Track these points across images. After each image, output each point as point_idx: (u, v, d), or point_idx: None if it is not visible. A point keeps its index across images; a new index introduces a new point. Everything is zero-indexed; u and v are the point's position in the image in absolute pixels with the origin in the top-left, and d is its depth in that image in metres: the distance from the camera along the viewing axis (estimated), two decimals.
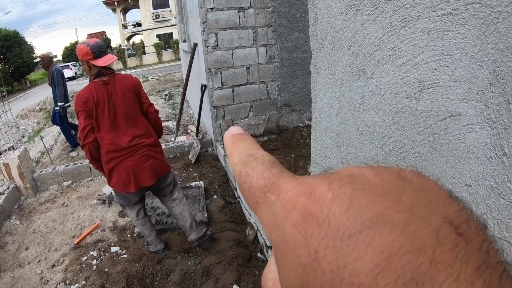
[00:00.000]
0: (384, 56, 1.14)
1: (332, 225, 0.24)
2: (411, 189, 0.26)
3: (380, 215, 0.24)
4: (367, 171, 0.28)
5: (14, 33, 38.15)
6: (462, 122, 0.93)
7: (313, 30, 1.59)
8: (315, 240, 0.25)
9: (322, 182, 0.28)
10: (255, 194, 0.33)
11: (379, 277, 0.22)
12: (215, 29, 6.63)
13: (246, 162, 0.36)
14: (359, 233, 0.23)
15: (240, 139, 0.41)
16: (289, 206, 0.28)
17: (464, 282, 0.21)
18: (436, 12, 0.94)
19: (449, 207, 0.25)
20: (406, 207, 0.24)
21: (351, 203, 0.25)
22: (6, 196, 6.33)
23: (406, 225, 0.23)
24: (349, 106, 1.41)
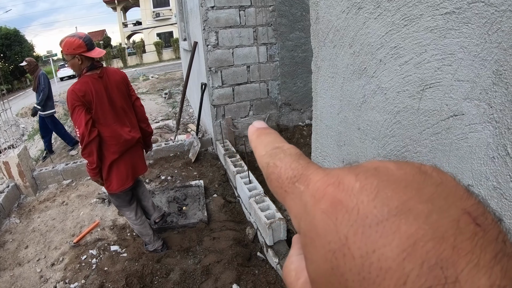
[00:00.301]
0: (386, 55, 1.13)
1: (360, 213, 0.26)
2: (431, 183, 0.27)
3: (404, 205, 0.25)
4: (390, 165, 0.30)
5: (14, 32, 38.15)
6: (464, 122, 0.93)
7: (315, 28, 1.58)
8: (344, 226, 0.26)
9: (349, 173, 0.29)
10: (283, 184, 0.34)
11: (406, 261, 0.23)
12: (216, 28, 6.63)
13: (274, 154, 0.37)
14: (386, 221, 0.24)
15: (265, 132, 0.43)
16: (318, 195, 0.29)
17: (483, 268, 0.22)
18: (439, 11, 0.93)
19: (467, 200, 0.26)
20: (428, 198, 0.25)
21: (378, 193, 0.26)
22: (5, 195, 6.33)
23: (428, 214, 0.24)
24: (351, 105, 1.40)
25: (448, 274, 0.22)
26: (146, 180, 6.84)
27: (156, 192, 6.17)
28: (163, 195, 6.05)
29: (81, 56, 3.66)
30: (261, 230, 4.50)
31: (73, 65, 3.75)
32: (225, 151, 6.72)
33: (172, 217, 5.37)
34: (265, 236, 4.28)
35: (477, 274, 0.22)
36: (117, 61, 43.92)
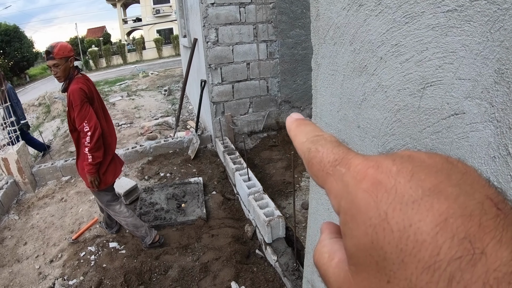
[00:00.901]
0: (387, 53, 1.12)
1: (398, 192, 0.28)
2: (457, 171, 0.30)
3: (436, 187, 0.28)
4: (422, 154, 0.32)
5: (14, 28, 38.19)
6: (465, 121, 0.92)
7: (315, 25, 1.57)
8: (384, 204, 0.28)
9: (386, 158, 0.32)
10: (325, 167, 0.36)
11: (439, 235, 0.25)
12: (216, 25, 6.63)
13: (315, 141, 0.39)
14: (420, 200, 0.27)
15: (304, 123, 0.45)
16: (360, 176, 0.31)
17: (505, 243, 0.24)
18: (440, 8, 0.92)
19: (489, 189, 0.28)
20: (456, 183, 0.28)
21: (413, 175, 0.29)
22: (4, 191, 6.33)
23: (457, 196, 0.27)
24: (351, 103, 1.40)
25: (476, 246, 0.24)
26: (145, 177, 6.85)
27: (155, 189, 6.18)
28: (162, 192, 6.05)
29: (71, 59, 3.97)
30: (260, 227, 4.51)
31: (65, 69, 3.96)
32: (225, 148, 6.73)
33: (171, 214, 5.37)
34: (264, 234, 4.29)
35: (501, 248, 0.24)
36: (117, 57, 43.94)
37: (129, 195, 5.97)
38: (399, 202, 0.28)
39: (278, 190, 5.97)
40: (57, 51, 3.87)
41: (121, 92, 17.62)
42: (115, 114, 12.47)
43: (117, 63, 43.45)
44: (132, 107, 13.41)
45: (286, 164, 6.80)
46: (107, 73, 32.74)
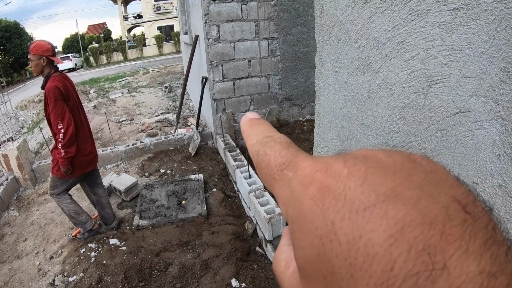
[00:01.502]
0: (392, 50, 1.12)
1: (348, 199, 0.26)
2: (420, 170, 0.27)
3: (393, 190, 0.25)
4: (380, 153, 0.30)
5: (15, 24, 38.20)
6: (471, 119, 0.92)
7: (319, 22, 1.57)
8: (332, 212, 0.26)
9: (337, 160, 0.29)
10: (272, 171, 0.34)
11: (393, 247, 0.23)
12: (217, 21, 6.63)
13: (264, 142, 0.38)
14: (373, 206, 0.24)
15: (257, 123, 0.43)
16: (306, 181, 0.29)
17: (472, 254, 0.22)
18: (447, 6, 0.92)
19: (457, 188, 0.26)
20: (417, 184, 0.26)
21: (366, 179, 0.26)
22: (4, 187, 6.34)
23: (417, 200, 0.24)
24: (355, 100, 1.40)
25: (436, 260, 0.22)
26: (145, 174, 6.86)
27: (156, 185, 6.18)
28: (162, 188, 6.05)
29: (47, 59, 4.16)
30: (260, 225, 4.51)
31: (36, 65, 4.20)
32: (225, 145, 6.73)
33: (171, 211, 5.38)
34: (265, 231, 4.29)
35: (466, 260, 0.22)
36: (118, 54, 43.99)
37: (130, 191, 5.98)
38: (348, 210, 0.25)
39: None
40: (32, 47, 4.17)
41: (121, 88, 17.62)
42: (115, 111, 12.47)
43: (118, 59, 43.49)
44: (132, 104, 13.41)
45: None
46: (107, 69, 32.77)
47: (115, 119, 11.03)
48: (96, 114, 11.32)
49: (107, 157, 7.46)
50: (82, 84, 20.22)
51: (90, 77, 26.09)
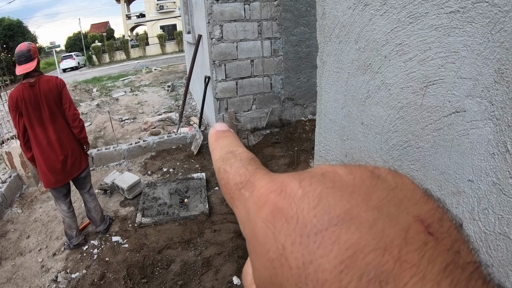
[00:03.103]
0: (391, 51, 1.15)
1: (300, 222, 0.25)
2: (383, 188, 0.27)
3: (347, 213, 0.24)
4: (340, 169, 0.29)
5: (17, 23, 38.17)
6: (466, 118, 0.94)
7: (321, 24, 1.60)
8: (283, 236, 0.25)
9: (294, 179, 0.28)
10: (231, 190, 0.34)
11: (343, 274, 0.22)
12: (220, 21, 6.64)
13: (226, 159, 0.37)
14: (325, 230, 0.24)
15: (223, 135, 0.42)
16: (260, 202, 0.29)
17: (429, 282, 0.21)
18: (444, 10, 0.95)
19: (423, 205, 0.25)
20: (375, 205, 0.25)
21: (320, 200, 0.26)
22: (8, 185, 6.37)
23: (373, 223, 0.23)
24: (355, 100, 1.42)
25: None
26: (148, 172, 6.87)
27: (158, 184, 6.19)
28: (165, 187, 6.07)
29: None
30: None
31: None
32: None
33: (173, 209, 5.40)
34: None
35: None
36: (120, 53, 43.90)
37: (132, 189, 6.00)
38: (299, 234, 0.24)
39: None
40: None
41: (124, 87, 17.62)
42: (118, 109, 12.48)
43: (120, 58, 43.42)
44: (135, 103, 13.42)
45: (288, 161, 6.81)
46: (110, 68, 32.71)
47: (118, 117, 11.04)
48: (99, 113, 11.33)
49: (110, 155, 7.49)
50: (85, 82, 20.22)
51: (92, 75, 26.06)
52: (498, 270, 0.91)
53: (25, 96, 4.13)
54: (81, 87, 17.33)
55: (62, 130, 4.44)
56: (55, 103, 4.34)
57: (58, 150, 4.40)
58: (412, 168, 1.16)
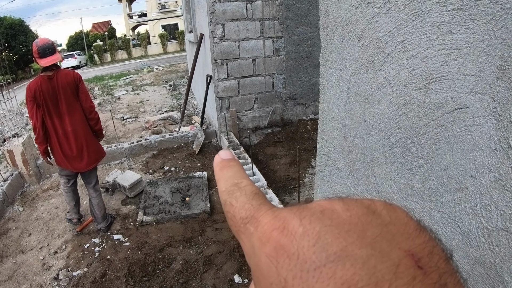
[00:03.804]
0: (394, 49, 1.16)
1: (300, 258, 0.26)
2: (377, 224, 0.28)
3: (343, 250, 0.26)
4: (338, 206, 0.30)
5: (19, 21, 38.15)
6: (468, 115, 0.95)
7: (324, 22, 1.60)
8: (285, 270, 0.27)
9: (295, 217, 0.30)
10: (237, 223, 0.35)
11: None
12: (222, 20, 6.65)
13: (231, 192, 0.38)
14: (323, 266, 0.25)
15: (228, 165, 0.43)
16: (264, 238, 0.30)
17: None
18: (446, 7, 0.95)
19: (414, 239, 0.27)
20: (369, 242, 0.26)
21: (319, 238, 0.27)
22: (9, 183, 6.38)
23: (367, 259, 0.25)
24: (357, 98, 1.42)
25: None
26: (149, 171, 6.88)
27: (160, 182, 6.21)
28: (166, 185, 6.08)
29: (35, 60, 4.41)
30: None
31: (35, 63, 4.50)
32: (229, 143, 6.75)
33: (175, 207, 5.41)
34: None
35: None
36: (122, 52, 43.88)
37: (134, 188, 6.01)
38: (299, 269, 0.26)
39: (281, 186, 6.00)
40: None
41: (126, 86, 17.64)
42: (120, 108, 12.50)
43: (122, 57, 43.41)
44: (137, 102, 13.43)
45: (290, 160, 6.82)
46: (111, 67, 32.69)
47: (119, 116, 11.06)
48: (100, 112, 11.32)
49: (112, 153, 7.51)
50: (87, 81, 20.18)
51: (94, 75, 26.09)
52: (501, 266, 0.92)
53: (43, 88, 4.34)
54: None
55: (77, 122, 4.67)
56: (72, 95, 4.59)
57: (73, 141, 4.67)
58: (414, 164, 1.17)
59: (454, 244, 1.07)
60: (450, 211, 1.06)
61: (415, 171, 1.17)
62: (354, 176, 1.58)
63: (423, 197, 1.16)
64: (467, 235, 1.01)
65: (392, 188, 1.31)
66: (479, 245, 0.98)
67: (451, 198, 1.05)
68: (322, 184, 1.95)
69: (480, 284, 0.99)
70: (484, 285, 0.98)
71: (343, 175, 1.68)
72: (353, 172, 1.58)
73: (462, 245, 1.04)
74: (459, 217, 1.03)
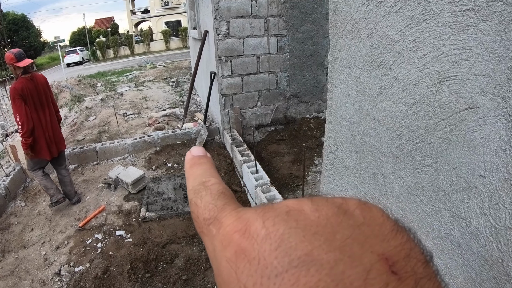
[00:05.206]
0: (405, 48, 1.16)
1: (261, 263, 0.25)
2: (348, 225, 0.26)
3: (308, 255, 0.24)
4: (307, 206, 0.29)
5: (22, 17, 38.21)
6: (479, 114, 0.96)
7: (333, 19, 1.61)
8: (245, 276, 0.25)
9: (258, 218, 0.28)
10: (200, 224, 0.34)
11: None
12: (227, 17, 6.64)
13: (197, 191, 0.37)
14: (285, 272, 0.23)
15: (198, 162, 0.43)
16: (225, 241, 0.29)
17: None
18: (458, 8, 0.96)
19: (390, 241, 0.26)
20: (338, 245, 0.24)
21: (282, 241, 0.25)
22: (11, 178, 6.43)
23: (334, 264, 0.23)
24: (367, 96, 1.43)
25: None
26: (152, 167, 6.88)
27: (163, 179, 6.22)
28: (169, 182, 6.09)
29: (13, 65, 5.08)
30: None
31: (11, 70, 5.30)
32: (232, 140, 6.75)
33: (178, 204, 5.41)
34: None
35: None
36: (125, 48, 43.90)
37: (136, 184, 6.02)
38: (260, 275, 0.24)
39: (284, 184, 6.01)
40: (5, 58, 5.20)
41: (128, 82, 17.67)
42: (122, 104, 12.49)
43: (125, 54, 43.43)
44: (139, 98, 13.43)
45: (293, 158, 6.82)
46: (114, 63, 32.74)
47: (122, 112, 11.06)
48: (103, 107, 11.33)
49: (114, 149, 7.54)
50: (90, 77, 20.23)
51: (97, 70, 26.10)
52: (508, 265, 0.93)
53: (29, 87, 5.12)
54: (86, 82, 17.39)
55: (52, 114, 5.62)
56: (45, 93, 5.50)
57: (51, 129, 5.55)
58: (423, 163, 1.17)
59: (462, 242, 1.07)
60: (459, 209, 1.07)
61: (424, 170, 1.17)
62: (361, 174, 1.58)
63: (431, 195, 1.17)
64: (475, 234, 1.02)
65: (400, 187, 1.31)
66: (487, 243, 0.98)
67: (460, 197, 1.06)
68: (328, 182, 1.96)
69: (487, 283, 1.00)
70: (491, 284, 0.99)
71: (350, 173, 1.69)
72: (360, 170, 1.58)
73: (470, 243, 1.04)
74: (468, 216, 1.04)
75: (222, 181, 0.39)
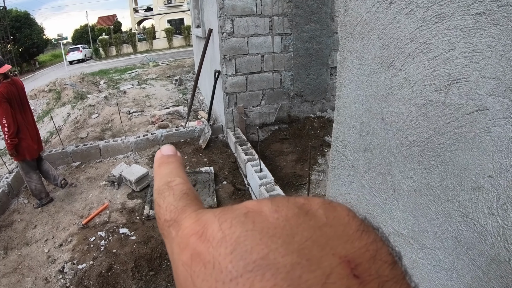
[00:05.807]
0: (415, 50, 1.17)
1: (216, 268, 0.24)
2: (309, 226, 0.26)
3: (264, 259, 0.23)
4: (266, 207, 0.28)
5: (25, 14, 38.16)
6: (488, 116, 0.97)
7: (343, 20, 1.61)
8: (200, 281, 0.25)
9: (215, 221, 0.28)
10: (162, 226, 0.34)
11: None
12: (232, 16, 6.65)
13: (161, 192, 0.37)
14: (240, 277, 0.23)
15: (166, 161, 0.42)
16: (182, 244, 0.29)
17: None
18: (469, 11, 0.97)
19: (354, 243, 0.25)
20: (296, 248, 0.24)
21: (237, 245, 0.25)
22: (14, 175, 6.48)
23: (291, 268, 0.22)
24: (376, 96, 1.44)
25: None
26: None
27: None
28: None
29: None
30: None
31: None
32: (236, 139, 6.76)
33: None
34: None
35: None
36: (127, 46, 43.85)
37: (140, 182, 6.04)
38: (215, 280, 0.24)
39: (288, 183, 6.02)
40: None
41: (131, 80, 17.65)
42: (126, 102, 12.50)
43: (127, 51, 43.39)
44: (143, 96, 13.44)
45: (296, 157, 6.83)
46: (117, 61, 32.71)
47: (125, 110, 11.05)
48: (106, 105, 11.33)
49: (118, 147, 7.56)
50: (92, 75, 20.22)
51: (99, 68, 26.06)
52: None
53: (12, 90, 5.33)
54: (88, 79, 17.40)
55: (32, 115, 5.84)
56: (25, 96, 5.72)
57: (34, 129, 5.79)
58: (432, 164, 1.18)
59: (470, 242, 1.09)
60: (467, 209, 1.08)
61: (433, 170, 1.19)
62: (369, 174, 1.60)
63: (439, 195, 1.18)
64: (483, 234, 1.03)
65: (409, 186, 1.32)
66: (494, 243, 1.00)
67: (468, 197, 1.07)
68: (336, 181, 1.96)
69: (494, 282, 1.01)
70: (498, 283, 1.00)
71: (357, 172, 1.70)
72: (368, 170, 1.60)
73: (478, 243, 1.06)
74: (476, 216, 1.05)
75: (188, 181, 0.39)
